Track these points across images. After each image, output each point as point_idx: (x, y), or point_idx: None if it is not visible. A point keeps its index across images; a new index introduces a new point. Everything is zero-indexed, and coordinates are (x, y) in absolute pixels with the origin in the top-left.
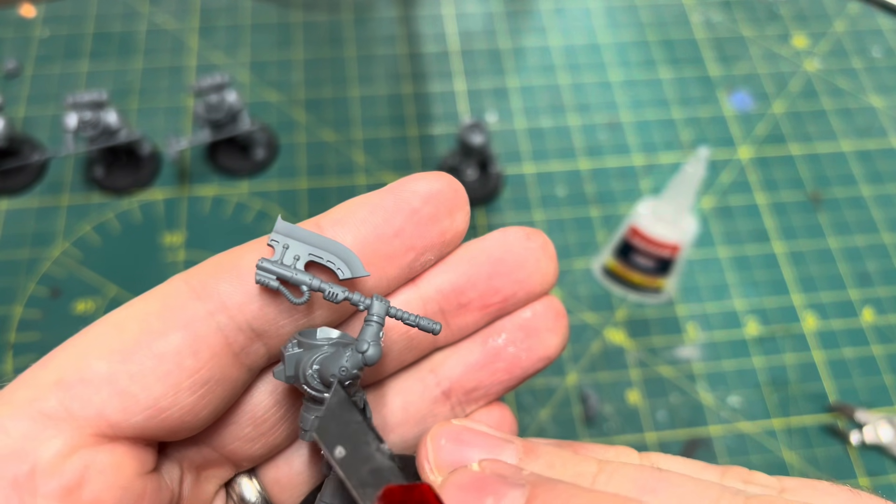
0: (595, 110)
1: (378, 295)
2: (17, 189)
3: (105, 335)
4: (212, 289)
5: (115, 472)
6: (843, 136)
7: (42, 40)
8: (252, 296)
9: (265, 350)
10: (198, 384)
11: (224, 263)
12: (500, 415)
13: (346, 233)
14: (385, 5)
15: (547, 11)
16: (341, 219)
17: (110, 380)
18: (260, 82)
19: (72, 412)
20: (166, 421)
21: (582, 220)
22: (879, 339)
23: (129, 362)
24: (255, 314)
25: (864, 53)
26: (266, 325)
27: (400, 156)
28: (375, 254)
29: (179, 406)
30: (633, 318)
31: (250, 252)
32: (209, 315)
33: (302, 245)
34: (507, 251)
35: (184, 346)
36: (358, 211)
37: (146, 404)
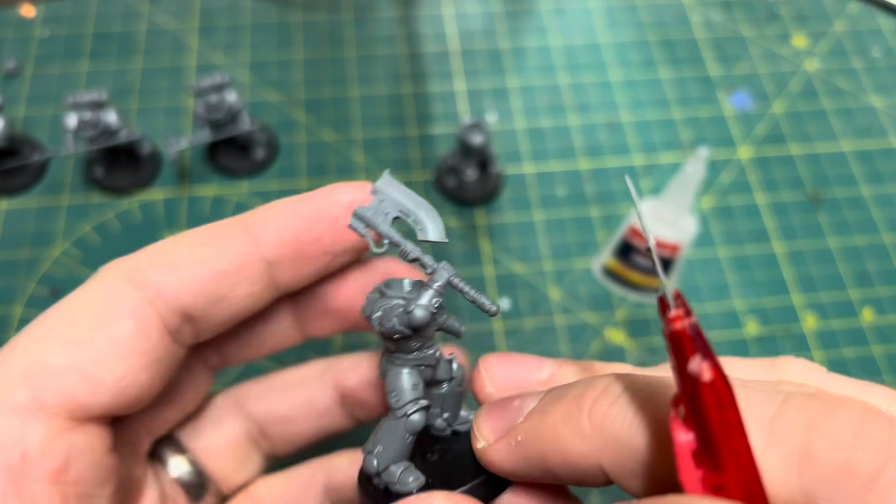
0: (595, 110)
1: (447, 263)
2: (17, 189)
3: (59, 327)
4: (149, 279)
5: (91, 451)
6: (843, 136)
7: (42, 40)
8: (184, 286)
9: (192, 331)
10: (151, 363)
11: (157, 253)
12: None
13: (270, 234)
14: (385, 5)
15: (547, 11)
16: (267, 221)
17: (75, 367)
18: (260, 82)
19: (43, 402)
20: (127, 398)
21: (582, 220)
22: (879, 339)
23: (89, 349)
24: (186, 302)
25: (864, 53)
26: (195, 311)
27: (400, 156)
28: (295, 255)
29: (138, 384)
30: (633, 318)
31: (183, 247)
32: (149, 302)
33: (396, 201)
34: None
35: (135, 331)
36: (283, 216)
37: (111, 384)
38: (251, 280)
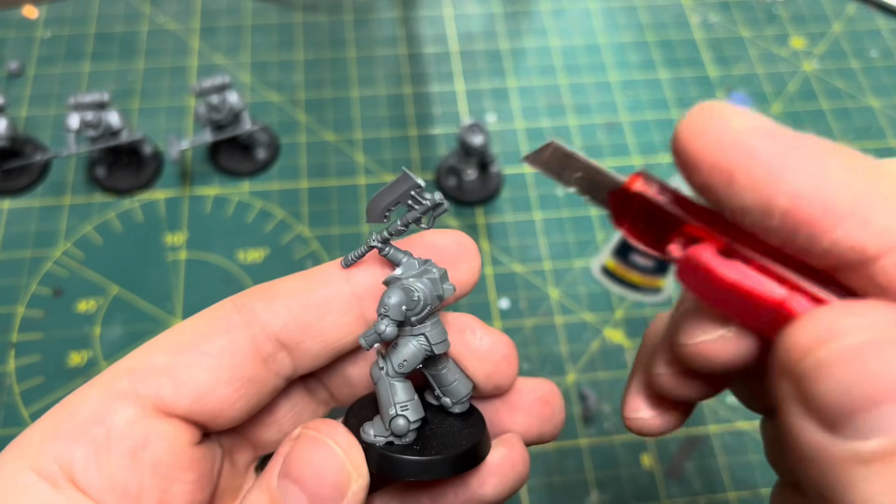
0: (594, 111)
1: (376, 234)
2: (20, 189)
3: (168, 337)
4: (249, 306)
5: (171, 440)
6: (841, 136)
7: (44, 41)
8: (278, 317)
9: (290, 360)
10: (234, 379)
11: (262, 288)
12: (549, 388)
13: (361, 273)
14: (385, 6)
15: (546, 12)
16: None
17: (168, 369)
18: (261, 83)
19: (137, 391)
20: (207, 406)
21: (581, 220)
22: None
23: (183, 356)
24: (280, 330)
25: (861, 54)
26: (289, 340)
27: (400, 156)
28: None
29: (217, 395)
30: (632, 318)
31: (282, 283)
32: (245, 325)
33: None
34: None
35: (224, 348)
36: (375, 259)
37: (193, 389)
38: (341, 311)
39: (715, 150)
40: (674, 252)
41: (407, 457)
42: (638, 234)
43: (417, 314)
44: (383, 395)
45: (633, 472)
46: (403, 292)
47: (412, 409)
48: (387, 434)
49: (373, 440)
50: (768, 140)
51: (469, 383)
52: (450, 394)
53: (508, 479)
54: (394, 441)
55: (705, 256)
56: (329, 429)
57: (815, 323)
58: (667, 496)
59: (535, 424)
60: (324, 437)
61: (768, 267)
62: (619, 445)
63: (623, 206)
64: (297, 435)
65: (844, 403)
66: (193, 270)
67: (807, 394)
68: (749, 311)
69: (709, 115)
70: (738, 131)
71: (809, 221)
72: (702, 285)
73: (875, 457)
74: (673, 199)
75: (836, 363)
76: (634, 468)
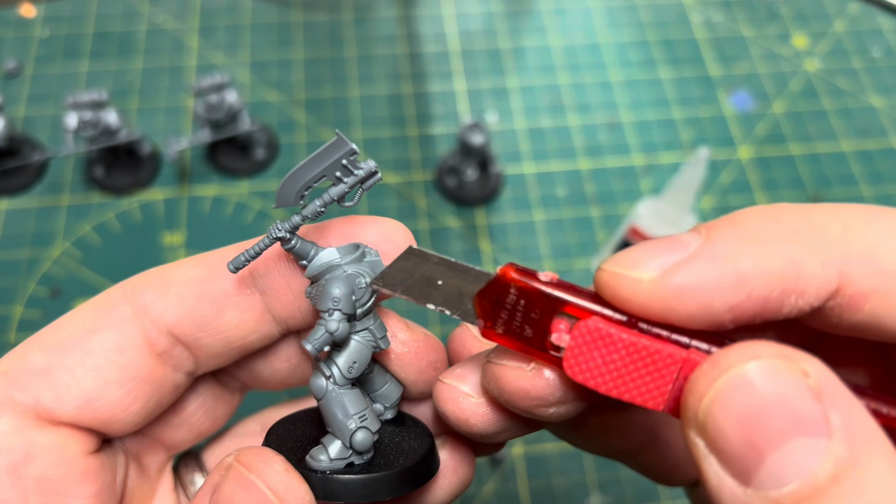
0: (595, 110)
1: (280, 224)
2: (18, 189)
3: (48, 333)
4: (139, 296)
5: (59, 451)
6: (843, 135)
7: (42, 40)
8: (170, 308)
9: (188, 355)
10: (125, 380)
11: (153, 275)
12: None
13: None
14: (385, 5)
15: (547, 11)
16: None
17: (47, 371)
18: (260, 82)
19: (13, 398)
20: (97, 412)
21: (582, 220)
22: None
23: (65, 355)
24: (173, 323)
25: (864, 53)
26: (184, 335)
27: (400, 155)
28: (290, 289)
29: (108, 399)
30: None
31: (178, 269)
32: (135, 317)
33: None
34: None
35: (111, 344)
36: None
37: (78, 393)
38: (242, 307)
39: (648, 299)
40: (558, 339)
41: (379, 474)
42: (514, 335)
43: (364, 305)
44: (336, 409)
45: (633, 474)
46: (349, 281)
47: (371, 418)
48: (348, 454)
49: (329, 466)
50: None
51: (399, 386)
52: (381, 398)
53: (453, 487)
54: (355, 461)
55: (604, 325)
56: (263, 466)
57: (711, 366)
58: (668, 498)
59: None
60: (254, 478)
61: (660, 333)
62: None
63: (494, 305)
64: (228, 465)
65: (747, 444)
66: None
67: (713, 440)
68: (649, 380)
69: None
70: (650, 281)
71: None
72: (597, 364)
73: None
74: (550, 282)
75: (732, 400)
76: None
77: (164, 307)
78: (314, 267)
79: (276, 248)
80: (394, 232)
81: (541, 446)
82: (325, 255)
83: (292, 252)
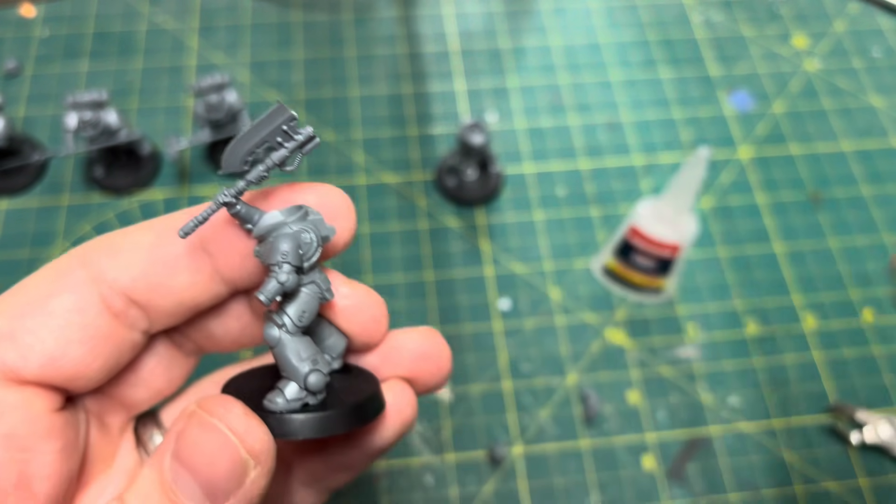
0: (595, 110)
1: (222, 192)
2: (17, 189)
3: (6, 299)
4: (94, 261)
5: (26, 408)
6: (843, 135)
7: (42, 40)
8: (124, 273)
9: (143, 315)
10: (87, 338)
11: (106, 241)
12: (431, 342)
13: (209, 225)
14: (385, 5)
15: (547, 11)
16: None
17: (10, 334)
18: (260, 82)
19: None
20: (62, 369)
21: (582, 220)
22: (879, 339)
23: (27, 319)
24: (128, 287)
25: (864, 53)
26: (138, 297)
27: (400, 155)
28: (234, 249)
29: (71, 357)
30: (633, 318)
31: (130, 234)
32: (91, 281)
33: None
34: None
35: (71, 306)
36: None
37: (41, 352)
38: (193, 269)
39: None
40: None
41: (331, 411)
42: None
43: (310, 258)
44: (290, 354)
45: (634, 474)
46: (295, 236)
47: (322, 362)
48: (303, 395)
49: (286, 406)
50: None
51: (343, 338)
52: (328, 350)
53: (397, 426)
54: (310, 401)
55: None
56: (223, 411)
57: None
58: (668, 498)
59: (420, 379)
60: (216, 422)
61: None
62: (620, 447)
63: None
64: (191, 413)
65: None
66: None
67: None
68: None
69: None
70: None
71: None
72: None
73: None
74: None
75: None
76: (635, 470)
77: (118, 271)
78: (262, 227)
79: (223, 213)
80: (332, 196)
81: (541, 446)
82: (270, 216)
83: (238, 216)
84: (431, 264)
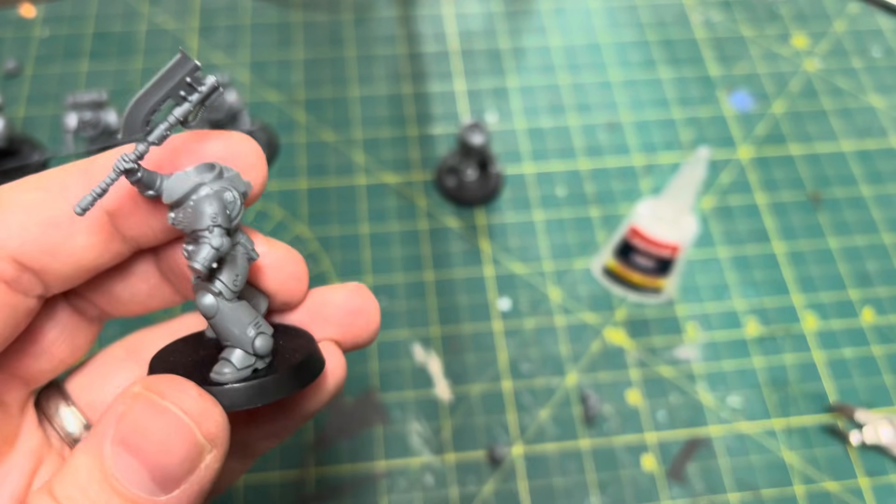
0: (595, 110)
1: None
2: None
3: None
4: None
5: None
6: (843, 136)
7: (42, 40)
8: (13, 237)
9: (37, 280)
10: None
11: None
12: (359, 298)
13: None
14: (385, 5)
15: (547, 11)
16: (109, 165)
17: None
18: (260, 82)
19: None
20: None
21: (582, 220)
22: (879, 339)
23: None
24: (17, 252)
25: (864, 53)
26: (29, 260)
27: (400, 156)
28: (137, 205)
29: None
30: (632, 319)
31: (14, 193)
32: None
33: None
34: None
35: None
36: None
37: None
38: (89, 230)
39: None
40: None
41: (282, 373)
42: None
43: (236, 218)
44: (233, 320)
45: (633, 474)
46: (218, 197)
47: (263, 324)
48: (252, 361)
49: (237, 376)
50: None
51: (265, 297)
52: None
53: (331, 387)
54: (259, 366)
55: None
56: (176, 392)
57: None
58: (668, 498)
59: (348, 335)
60: (168, 404)
61: None
62: (619, 447)
63: None
64: (136, 394)
65: None
66: None
67: None
68: None
69: None
70: None
71: None
72: None
73: None
74: None
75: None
76: (635, 470)
77: (6, 236)
78: (174, 191)
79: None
80: (241, 145)
81: (541, 446)
82: (181, 177)
83: (139, 184)
84: (431, 264)
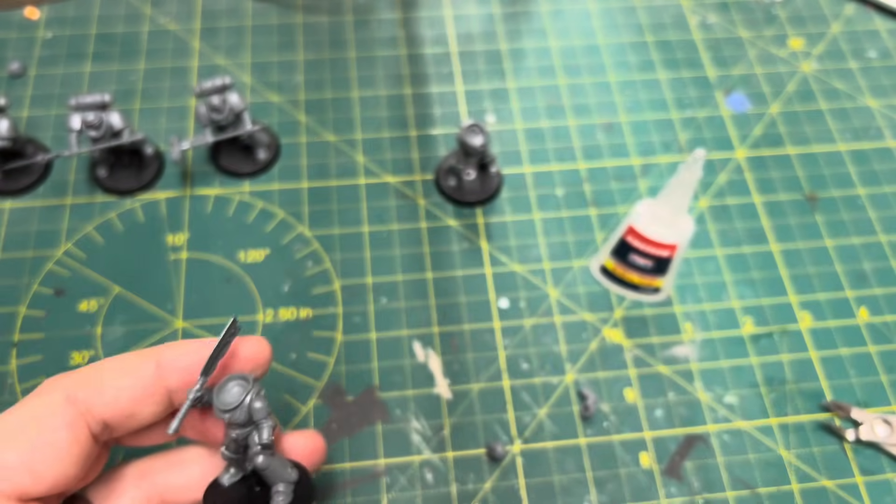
0: (593, 111)
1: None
2: (21, 189)
3: (12, 433)
4: (82, 399)
5: None
6: (839, 136)
7: (45, 42)
8: (107, 407)
9: (110, 434)
10: (79, 461)
11: (90, 378)
12: (311, 440)
13: (175, 372)
14: (386, 7)
15: (546, 13)
16: (175, 358)
17: (24, 465)
18: (262, 84)
19: (1, 489)
20: (58, 487)
21: (580, 220)
22: (875, 338)
23: (36, 452)
24: (107, 417)
25: (860, 55)
26: (114, 423)
27: (400, 156)
28: (189, 385)
29: (68, 476)
30: (630, 318)
31: (108, 372)
32: (80, 416)
33: None
34: None
35: (71, 440)
36: (185, 356)
37: (50, 479)
38: (156, 402)
39: None
40: None
41: (306, 488)
42: None
43: None
44: (279, 466)
45: (631, 472)
46: (262, 397)
47: (289, 462)
48: (290, 489)
49: (290, 499)
50: None
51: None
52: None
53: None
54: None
55: None
56: None
57: None
58: (665, 495)
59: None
60: None
61: None
62: (618, 445)
63: None
64: None
65: None
66: (194, 270)
67: None
68: None
69: None
70: None
71: None
72: None
73: None
74: None
75: None
76: (633, 467)
77: (103, 408)
78: (227, 403)
79: (184, 370)
80: (256, 348)
81: (540, 444)
82: (231, 392)
83: (202, 403)
84: (431, 264)
